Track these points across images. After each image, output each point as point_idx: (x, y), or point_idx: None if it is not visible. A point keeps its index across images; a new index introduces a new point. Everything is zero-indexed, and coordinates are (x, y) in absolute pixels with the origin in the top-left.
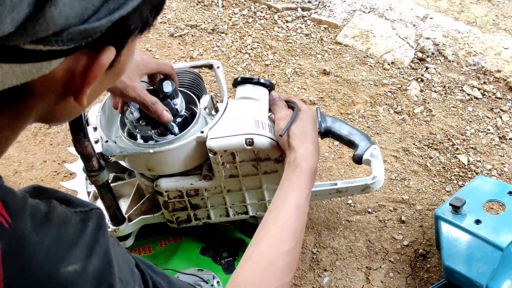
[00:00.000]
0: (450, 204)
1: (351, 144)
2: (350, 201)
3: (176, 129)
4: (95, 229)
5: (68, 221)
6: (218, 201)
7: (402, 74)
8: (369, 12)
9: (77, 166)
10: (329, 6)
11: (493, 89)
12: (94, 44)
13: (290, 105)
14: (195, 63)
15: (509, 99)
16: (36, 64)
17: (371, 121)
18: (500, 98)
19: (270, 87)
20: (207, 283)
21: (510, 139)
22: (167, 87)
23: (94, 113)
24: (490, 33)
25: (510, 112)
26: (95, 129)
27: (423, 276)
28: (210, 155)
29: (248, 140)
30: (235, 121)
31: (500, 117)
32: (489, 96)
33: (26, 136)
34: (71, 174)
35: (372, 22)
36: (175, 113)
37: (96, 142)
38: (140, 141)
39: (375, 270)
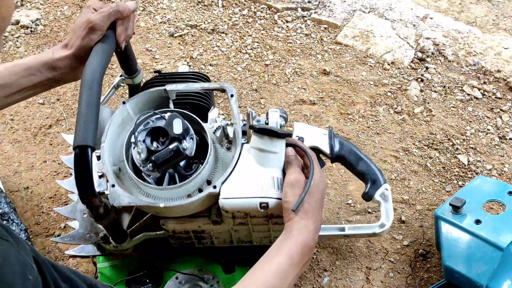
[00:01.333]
0: (450, 204)
1: (361, 178)
2: (350, 201)
3: (183, 171)
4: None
5: None
6: (224, 236)
7: (402, 74)
8: (369, 12)
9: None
10: (329, 6)
11: (493, 89)
12: None
13: (306, 161)
14: (207, 85)
15: (509, 99)
16: None
17: (371, 121)
18: (500, 98)
19: (288, 136)
20: (207, 283)
21: (510, 139)
22: (177, 127)
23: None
24: (490, 33)
25: (510, 112)
26: (98, 157)
27: (423, 276)
28: (222, 211)
29: (262, 204)
30: (250, 178)
31: (500, 117)
32: (489, 96)
33: (26, 136)
34: (71, 174)
35: (372, 22)
36: (184, 157)
37: (101, 176)
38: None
39: (375, 270)
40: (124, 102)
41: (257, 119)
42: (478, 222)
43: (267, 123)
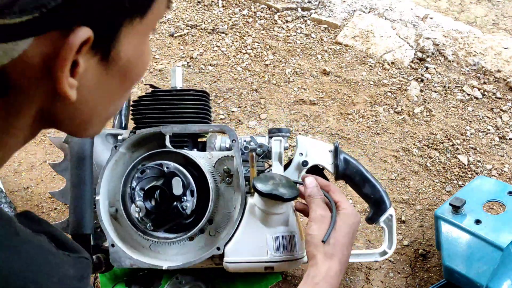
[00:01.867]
0: (450, 204)
1: (366, 200)
2: (350, 201)
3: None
4: (78, 278)
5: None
6: None
7: (402, 74)
8: (369, 12)
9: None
10: (329, 6)
11: (493, 89)
12: (62, 22)
13: (327, 202)
14: (206, 128)
15: (509, 99)
16: (1, 45)
17: (371, 121)
18: (500, 98)
19: (295, 198)
20: (207, 284)
21: (510, 139)
22: (177, 188)
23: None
24: (490, 33)
25: (510, 112)
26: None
27: (423, 276)
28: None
29: (268, 268)
30: (254, 240)
31: (500, 117)
32: (489, 96)
33: None
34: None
35: (372, 22)
36: (182, 216)
37: (97, 227)
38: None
39: (375, 270)
40: (116, 147)
41: (258, 144)
42: (478, 222)
43: (269, 150)
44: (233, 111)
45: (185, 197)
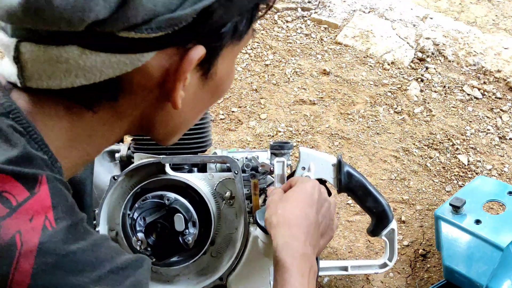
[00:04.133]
0: (450, 204)
1: (369, 213)
2: (350, 201)
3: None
4: (145, 270)
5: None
6: None
7: (402, 74)
8: (369, 12)
9: None
10: (329, 6)
11: (493, 89)
12: (182, 40)
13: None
14: (207, 159)
15: (509, 99)
16: (130, 55)
17: (371, 121)
18: (500, 98)
19: None
20: None
21: (510, 139)
22: (179, 224)
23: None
24: (490, 33)
25: (510, 112)
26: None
27: (423, 276)
28: None
29: None
30: (257, 270)
31: (500, 117)
32: (489, 96)
33: None
34: None
35: (372, 22)
36: (184, 250)
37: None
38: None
39: None
40: (114, 178)
41: (261, 163)
42: (478, 222)
43: (272, 170)
44: (233, 111)
45: (187, 231)
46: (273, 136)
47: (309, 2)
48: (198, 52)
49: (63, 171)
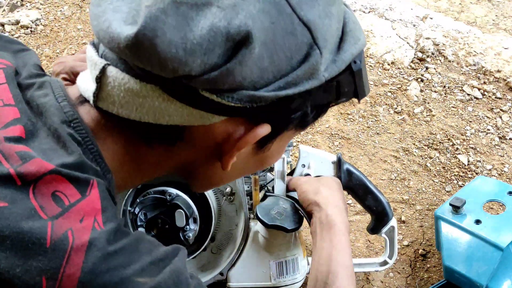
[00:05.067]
0: (450, 204)
1: (369, 211)
2: (350, 201)
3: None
4: (181, 258)
5: (154, 244)
6: None
7: (402, 74)
8: (369, 12)
9: None
10: None
11: (493, 89)
12: (255, 116)
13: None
14: None
15: (509, 99)
16: (203, 112)
17: (371, 121)
18: (500, 98)
19: (298, 228)
20: None
21: (510, 139)
22: (180, 220)
23: None
24: (490, 33)
25: (510, 112)
26: None
27: (423, 276)
28: None
29: None
30: (258, 265)
31: (500, 117)
32: (489, 96)
33: None
34: None
35: (372, 22)
36: (185, 245)
37: None
38: None
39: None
40: None
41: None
42: (478, 222)
43: (272, 167)
44: None
45: (188, 227)
46: None
47: None
48: (265, 130)
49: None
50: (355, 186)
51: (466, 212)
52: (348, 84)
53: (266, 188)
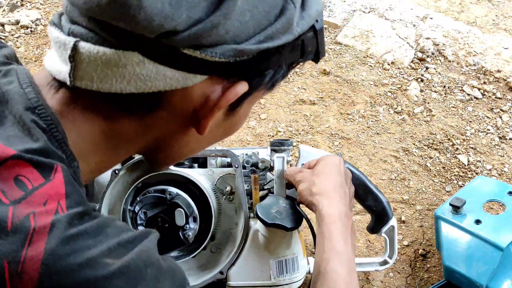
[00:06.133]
0: (450, 204)
1: (368, 211)
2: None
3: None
4: (152, 239)
5: (125, 228)
6: None
7: (402, 74)
8: (369, 12)
9: None
10: (329, 6)
11: (493, 89)
12: (235, 72)
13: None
14: (208, 152)
15: (509, 99)
16: (184, 73)
17: (371, 121)
18: (500, 98)
19: (298, 227)
20: None
21: (510, 139)
22: (180, 218)
23: None
24: (490, 33)
25: (510, 112)
26: None
27: (423, 276)
28: None
29: None
30: (257, 264)
31: (500, 117)
32: (489, 96)
33: None
34: None
35: (372, 22)
36: (184, 244)
37: None
38: None
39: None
40: (116, 172)
41: (261, 159)
42: (478, 222)
43: (272, 166)
44: None
45: (187, 225)
46: (273, 136)
47: None
48: (243, 87)
49: (81, 173)
50: (355, 186)
51: (466, 212)
52: (312, 43)
53: (269, 190)
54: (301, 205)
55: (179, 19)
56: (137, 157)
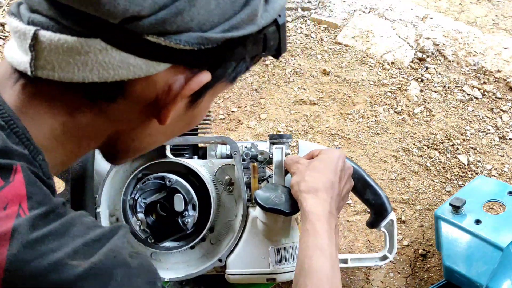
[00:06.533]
0: (450, 204)
1: (367, 205)
2: (350, 201)
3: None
4: (120, 236)
5: (93, 225)
6: None
7: (402, 74)
8: (369, 12)
9: None
10: (329, 6)
11: (493, 89)
12: (199, 61)
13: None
14: (207, 139)
15: (509, 99)
16: (148, 61)
17: (371, 121)
18: (500, 98)
19: (296, 212)
20: None
21: (510, 139)
22: (179, 204)
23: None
24: (490, 33)
25: (510, 112)
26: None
27: (423, 276)
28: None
29: (270, 279)
30: (256, 252)
31: (500, 117)
32: (489, 96)
33: None
34: None
35: (372, 22)
36: (183, 231)
37: None
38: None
39: (375, 270)
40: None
41: (260, 151)
42: (478, 222)
43: (271, 157)
44: (233, 111)
45: (186, 212)
46: None
47: (309, 2)
48: (206, 77)
49: (49, 165)
50: (353, 180)
51: (466, 212)
52: (274, 37)
53: (267, 180)
54: None
55: (144, 3)
56: None
